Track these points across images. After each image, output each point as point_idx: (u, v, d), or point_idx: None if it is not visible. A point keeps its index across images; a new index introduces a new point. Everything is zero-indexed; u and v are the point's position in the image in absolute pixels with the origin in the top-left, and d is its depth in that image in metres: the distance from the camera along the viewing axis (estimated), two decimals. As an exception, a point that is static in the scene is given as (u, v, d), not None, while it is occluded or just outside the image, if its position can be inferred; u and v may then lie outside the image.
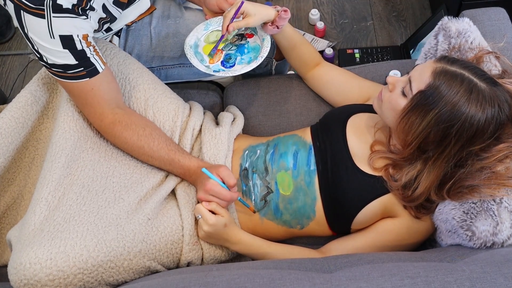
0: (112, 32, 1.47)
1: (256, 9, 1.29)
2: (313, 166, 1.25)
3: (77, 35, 1.13)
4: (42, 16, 1.07)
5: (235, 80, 1.89)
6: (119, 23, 1.42)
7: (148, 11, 1.53)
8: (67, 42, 1.12)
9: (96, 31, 1.27)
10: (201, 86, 1.92)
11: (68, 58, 1.14)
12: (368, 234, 1.21)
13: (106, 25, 1.34)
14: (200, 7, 1.56)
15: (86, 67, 1.17)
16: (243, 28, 1.38)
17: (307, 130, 1.33)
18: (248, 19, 1.29)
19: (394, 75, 1.49)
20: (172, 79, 1.63)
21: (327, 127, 1.30)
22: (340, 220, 1.23)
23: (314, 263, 1.02)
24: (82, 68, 1.17)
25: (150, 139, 1.25)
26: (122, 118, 1.25)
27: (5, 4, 1.10)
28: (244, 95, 1.58)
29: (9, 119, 1.29)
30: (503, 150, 1.09)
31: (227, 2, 1.38)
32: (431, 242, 1.24)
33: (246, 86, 1.60)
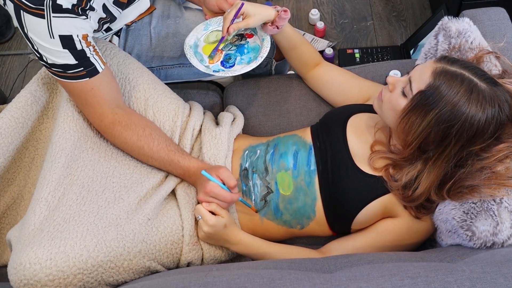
0: (112, 32, 1.47)
1: (256, 10, 1.29)
2: (313, 166, 1.25)
3: (77, 35, 1.13)
4: (42, 16, 1.07)
5: (235, 80, 1.89)
6: (119, 23, 1.42)
7: (148, 11, 1.52)
8: (67, 42, 1.12)
9: (96, 31, 1.27)
10: (201, 86, 1.92)
11: (68, 58, 1.14)
12: (368, 234, 1.21)
13: (106, 25, 1.34)
14: (200, 7, 1.56)
15: (86, 67, 1.17)
16: (243, 28, 1.38)
17: (307, 130, 1.33)
18: (248, 20, 1.29)
19: (394, 75, 1.49)
20: (172, 79, 1.63)
21: (327, 127, 1.30)
22: (340, 220, 1.23)
23: (314, 263, 1.02)
24: (82, 68, 1.17)
25: (150, 140, 1.25)
26: (122, 118, 1.25)
27: (5, 4, 1.10)
28: (244, 95, 1.58)
29: (9, 119, 1.29)
30: (503, 150, 1.08)
31: (227, 2, 1.38)
32: (431, 242, 1.24)
33: (246, 86, 1.60)
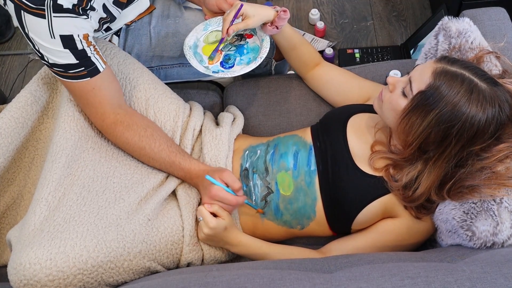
0: (112, 32, 1.47)
1: (256, 10, 1.29)
2: (314, 167, 1.25)
3: (78, 35, 1.13)
4: (43, 16, 1.07)
5: (235, 80, 1.89)
6: (119, 23, 1.42)
7: (148, 11, 1.52)
8: (68, 42, 1.12)
9: (96, 31, 1.27)
10: (201, 86, 1.92)
11: (69, 58, 1.14)
12: (369, 234, 1.21)
13: (106, 25, 1.34)
14: (200, 7, 1.56)
15: (87, 67, 1.17)
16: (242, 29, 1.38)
17: (307, 130, 1.33)
18: (248, 21, 1.29)
19: (394, 75, 1.49)
20: (172, 79, 1.62)
21: (328, 127, 1.30)
22: (341, 221, 1.23)
23: (314, 263, 1.02)
24: (83, 68, 1.16)
25: (152, 140, 1.25)
26: (124, 119, 1.24)
27: (5, 4, 1.10)
28: (244, 95, 1.58)
29: (9, 119, 1.29)
30: (504, 150, 1.08)
31: (227, 3, 1.38)
32: (432, 242, 1.24)
33: (246, 86, 1.60)
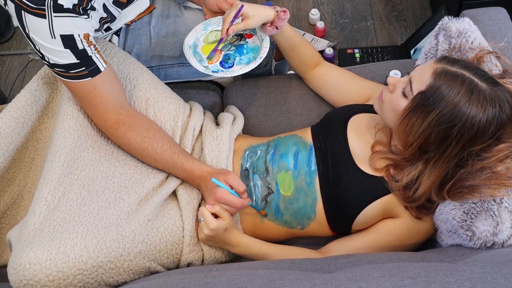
0: (112, 32, 1.47)
1: (255, 11, 1.29)
2: (314, 167, 1.24)
3: (78, 35, 1.12)
4: (43, 16, 1.07)
5: (235, 80, 1.89)
6: (119, 23, 1.42)
7: (148, 10, 1.52)
8: (68, 42, 1.11)
9: (96, 31, 1.27)
10: (201, 86, 1.92)
11: (70, 58, 1.14)
12: (369, 235, 1.21)
13: (106, 25, 1.34)
14: (200, 7, 1.55)
15: (88, 67, 1.17)
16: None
17: (308, 130, 1.33)
18: (247, 21, 1.29)
19: (395, 75, 1.49)
20: (172, 79, 1.62)
21: (328, 128, 1.29)
22: (341, 221, 1.23)
23: (314, 264, 1.02)
24: (84, 68, 1.16)
25: (154, 141, 1.25)
26: (126, 119, 1.24)
27: (6, 4, 1.10)
28: (244, 95, 1.58)
29: (9, 119, 1.29)
30: (504, 150, 1.08)
31: (227, 2, 1.38)
32: (432, 243, 1.24)
33: (246, 86, 1.59)
